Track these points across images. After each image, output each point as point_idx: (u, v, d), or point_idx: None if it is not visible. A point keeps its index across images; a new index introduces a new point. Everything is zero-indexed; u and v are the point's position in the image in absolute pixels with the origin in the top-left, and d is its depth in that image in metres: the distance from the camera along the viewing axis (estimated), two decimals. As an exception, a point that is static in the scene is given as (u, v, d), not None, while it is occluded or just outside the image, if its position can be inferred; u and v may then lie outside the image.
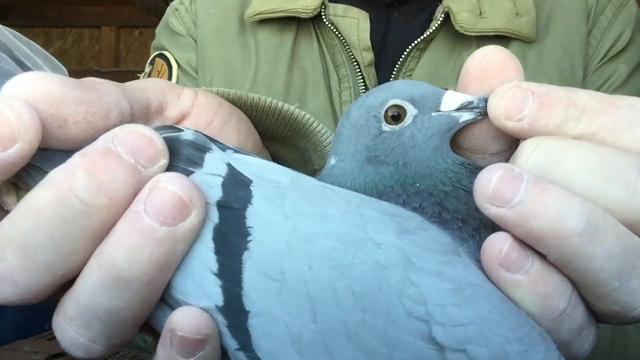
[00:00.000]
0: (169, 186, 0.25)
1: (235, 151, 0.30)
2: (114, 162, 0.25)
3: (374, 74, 0.63)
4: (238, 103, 0.37)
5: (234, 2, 0.69)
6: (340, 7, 0.64)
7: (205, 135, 0.30)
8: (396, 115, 0.29)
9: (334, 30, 0.63)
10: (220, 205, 0.27)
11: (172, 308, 0.26)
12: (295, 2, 0.63)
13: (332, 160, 0.31)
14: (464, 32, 0.60)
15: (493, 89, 0.28)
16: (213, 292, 0.26)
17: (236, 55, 0.67)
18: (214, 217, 0.27)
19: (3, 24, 0.31)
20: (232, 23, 0.68)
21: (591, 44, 0.64)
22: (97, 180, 0.25)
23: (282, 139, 0.41)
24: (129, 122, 0.28)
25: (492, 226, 0.26)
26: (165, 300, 0.27)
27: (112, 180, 0.25)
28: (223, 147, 0.30)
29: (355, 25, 0.63)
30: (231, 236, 0.26)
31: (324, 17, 0.63)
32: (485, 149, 0.30)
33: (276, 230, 0.26)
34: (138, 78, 0.71)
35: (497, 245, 0.25)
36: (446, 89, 0.30)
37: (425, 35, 0.62)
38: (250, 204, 0.27)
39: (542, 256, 0.25)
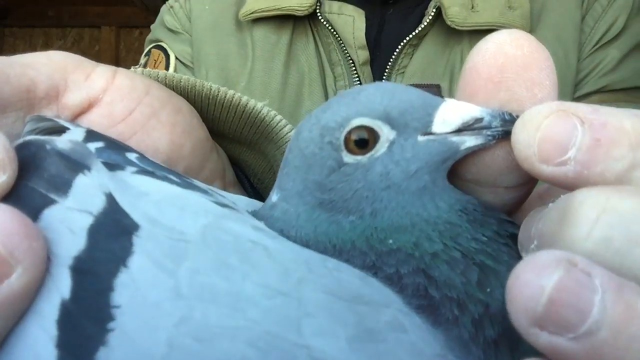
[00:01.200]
0: None
1: (141, 170, 0.21)
2: None
3: (369, 72, 0.64)
4: (191, 93, 0.30)
5: None
6: (335, 5, 0.64)
7: (104, 138, 0.22)
8: (363, 141, 0.20)
9: (329, 28, 0.63)
10: (76, 268, 0.18)
11: None
12: None
13: (274, 197, 0.23)
14: (456, 27, 0.60)
15: (513, 96, 0.19)
16: None
17: (232, 52, 0.67)
18: (64, 286, 0.18)
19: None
20: (228, 19, 0.68)
21: (584, 31, 0.63)
22: None
23: (247, 142, 0.34)
24: None
25: (505, 317, 0.16)
26: None
27: None
28: (120, 162, 0.21)
29: (351, 23, 0.63)
30: (84, 321, 0.17)
31: (319, 14, 0.63)
32: (498, 182, 0.21)
33: (156, 317, 0.17)
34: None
35: None
36: (442, 97, 0.21)
37: (417, 31, 0.62)
38: (125, 266, 0.18)
39: None
